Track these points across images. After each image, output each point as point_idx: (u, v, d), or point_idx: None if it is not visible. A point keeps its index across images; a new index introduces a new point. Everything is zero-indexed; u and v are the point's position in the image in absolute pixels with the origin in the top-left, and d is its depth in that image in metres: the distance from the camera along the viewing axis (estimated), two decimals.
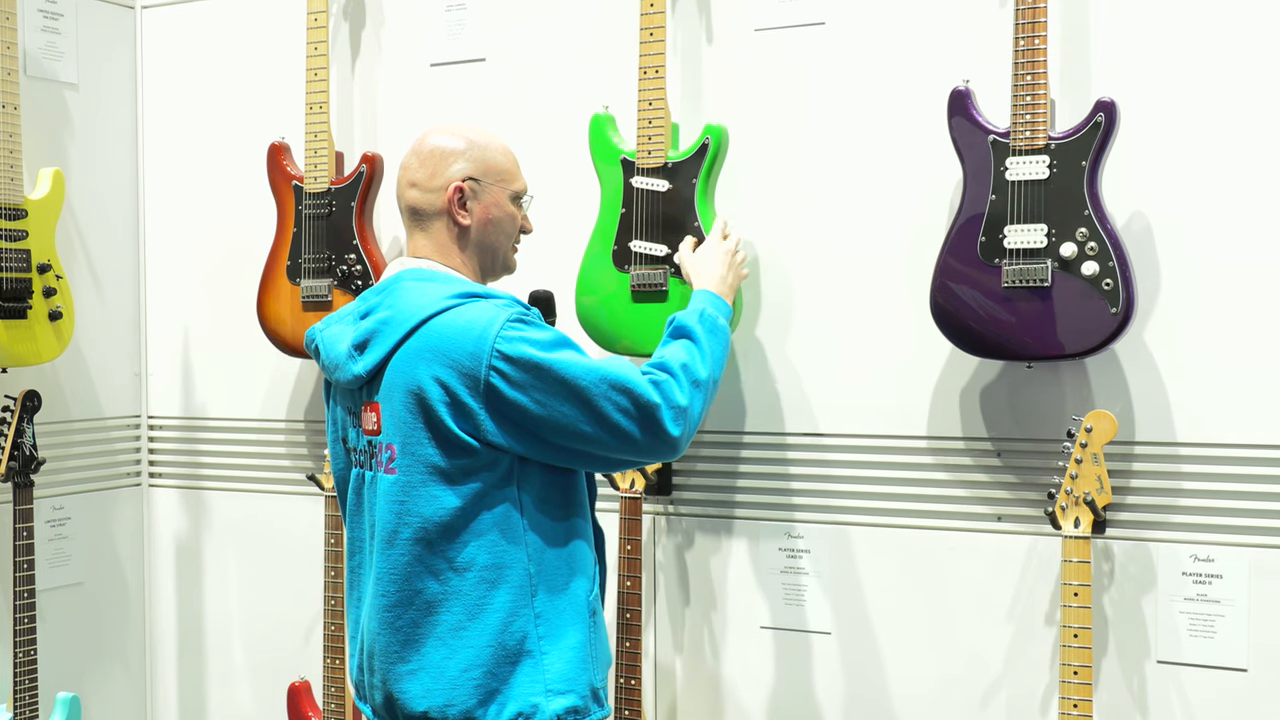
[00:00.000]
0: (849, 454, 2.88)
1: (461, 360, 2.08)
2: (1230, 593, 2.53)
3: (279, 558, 3.57)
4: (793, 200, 2.90)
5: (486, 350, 2.07)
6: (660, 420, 2.11)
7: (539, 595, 2.14)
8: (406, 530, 2.14)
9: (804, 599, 2.92)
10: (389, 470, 2.16)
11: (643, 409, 2.10)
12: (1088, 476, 2.45)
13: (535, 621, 2.13)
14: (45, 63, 3.45)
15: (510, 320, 2.09)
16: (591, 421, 2.09)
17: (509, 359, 2.07)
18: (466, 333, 2.08)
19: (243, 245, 3.53)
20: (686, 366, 2.19)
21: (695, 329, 2.29)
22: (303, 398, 3.53)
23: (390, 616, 2.17)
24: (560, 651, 2.14)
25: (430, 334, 2.10)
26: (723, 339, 2.32)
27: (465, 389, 2.08)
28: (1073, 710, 2.43)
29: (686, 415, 2.14)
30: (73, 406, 3.55)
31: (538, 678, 2.12)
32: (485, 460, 2.11)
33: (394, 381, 2.13)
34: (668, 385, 2.14)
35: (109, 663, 3.69)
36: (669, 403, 2.12)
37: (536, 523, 2.15)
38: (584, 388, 2.08)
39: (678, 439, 2.13)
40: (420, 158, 2.25)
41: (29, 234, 3.18)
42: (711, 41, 2.96)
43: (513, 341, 2.07)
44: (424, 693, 2.14)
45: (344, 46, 3.41)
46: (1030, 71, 2.47)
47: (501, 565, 2.12)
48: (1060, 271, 2.46)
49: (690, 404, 2.15)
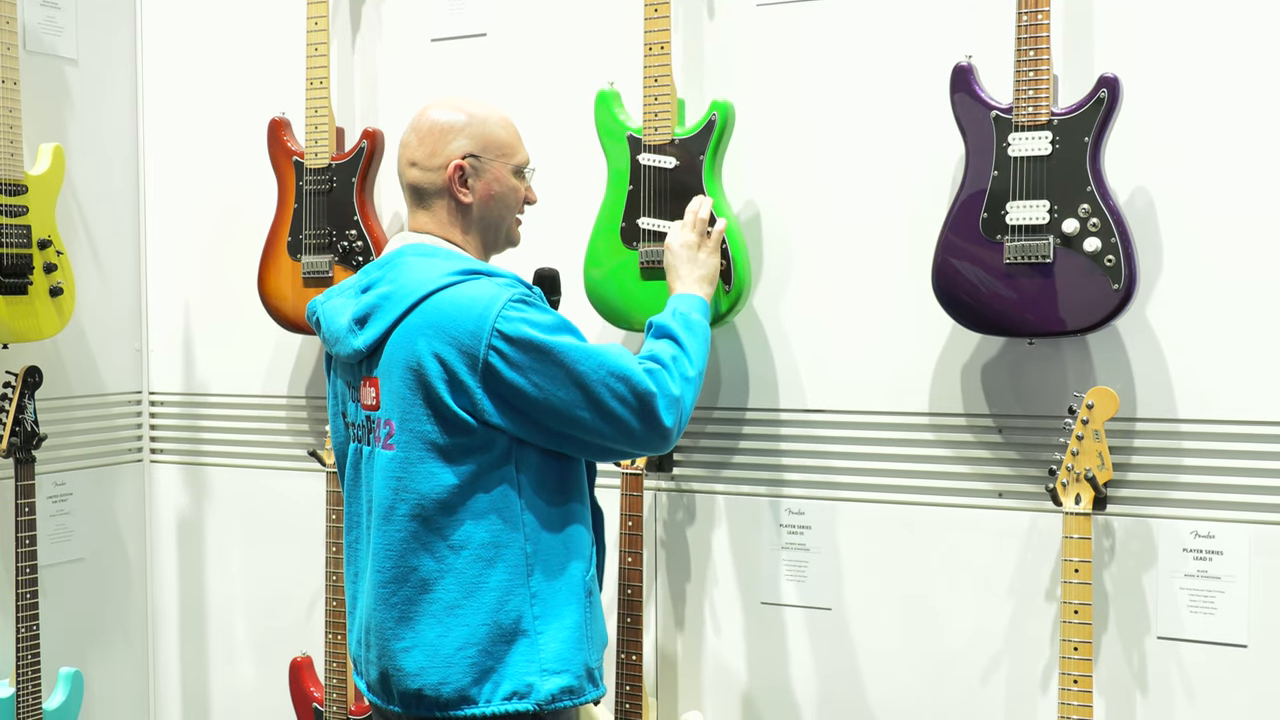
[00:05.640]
0: (849, 430, 2.88)
1: (461, 338, 2.07)
2: (1231, 569, 2.54)
3: (280, 533, 3.57)
4: (795, 176, 2.89)
5: (487, 329, 2.06)
6: (656, 410, 2.11)
7: (535, 575, 2.14)
8: (403, 506, 2.14)
9: (805, 575, 2.93)
10: (387, 446, 2.15)
11: (640, 398, 2.10)
12: (1089, 453, 2.46)
13: (531, 601, 2.13)
14: (45, 38, 3.44)
15: (512, 300, 2.08)
16: (588, 407, 2.09)
17: (509, 339, 2.06)
18: (468, 310, 2.07)
19: (243, 221, 3.52)
20: (676, 359, 2.21)
21: (674, 327, 2.30)
22: (304, 373, 3.53)
23: (385, 593, 2.17)
24: (555, 631, 2.14)
25: (431, 310, 2.09)
26: (702, 334, 2.33)
27: (464, 367, 2.07)
28: (1073, 686, 2.44)
29: (679, 406, 2.16)
30: (74, 382, 3.55)
31: (533, 657, 2.12)
32: (483, 439, 2.10)
33: (393, 357, 2.13)
34: (661, 375, 2.15)
35: (111, 638, 3.70)
36: (663, 391, 2.13)
37: (534, 503, 2.15)
38: (582, 373, 2.08)
39: (670, 429, 2.14)
40: (419, 135, 2.23)
41: (29, 210, 3.17)
42: (714, 17, 2.95)
43: (514, 322, 2.07)
44: (418, 670, 2.14)
45: (345, 21, 3.40)
46: (1033, 47, 2.46)
47: (498, 544, 2.12)
48: (1062, 248, 2.45)
49: (682, 395, 2.17)
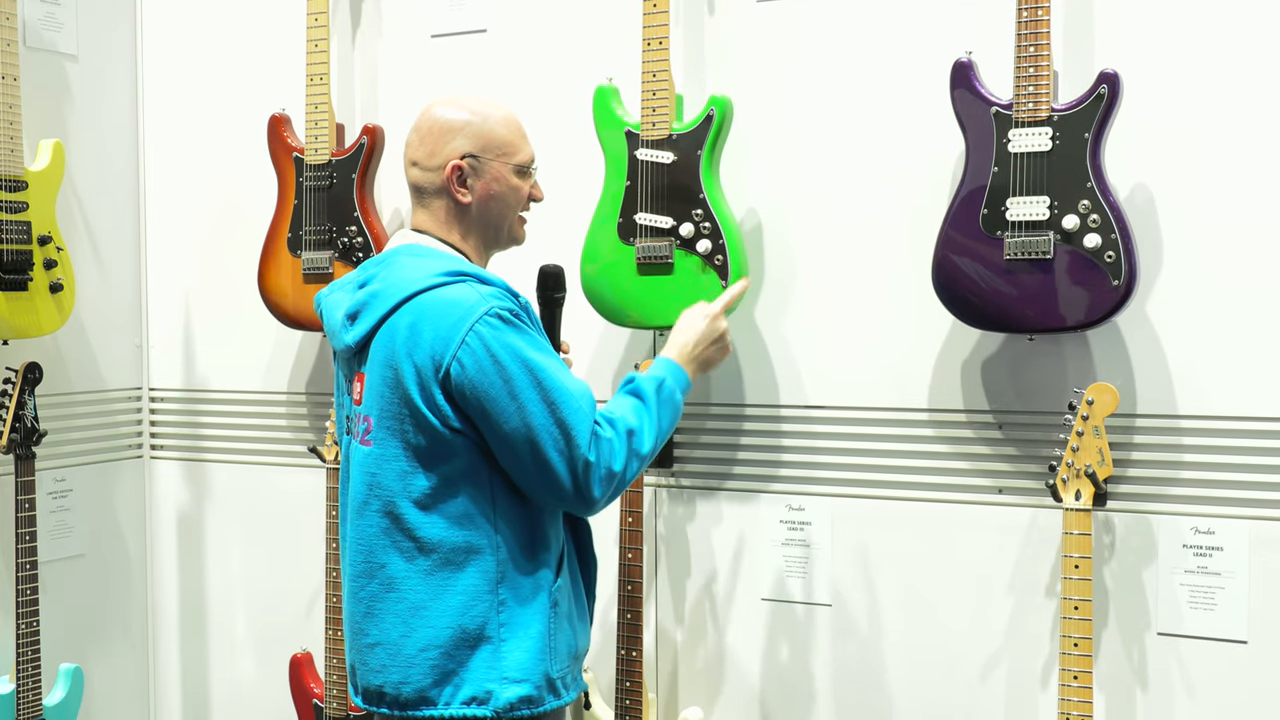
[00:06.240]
0: (849, 426, 2.88)
1: (433, 342, 2.07)
2: (1230, 565, 2.54)
3: (281, 530, 3.57)
4: (794, 172, 2.89)
5: (457, 338, 2.05)
6: (589, 479, 2.07)
7: (503, 583, 2.12)
8: (375, 503, 2.15)
9: (805, 571, 2.93)
10: (365, 442, 2.17)
11: (577, 459, 2.06)
12: (1089, 449, 2.45)
13: (498, 609, 2.12)
14: (45, 34, 3.44)
15: (490, 314, 2.07)
16: (527, 448, 2.06)
17: (474, 353, 2.05)
18: (445, 316, 2.07)
19: (243, 217, 3.52)
20: (634, 433, 2.14)
21: (651, 397, 2.20)
22: (304, 369, 3.53)
23: (355, 586, 2.19)
24: (519, 640, 2.13)
25: (412, 311, 2.10)
26: (674, 413, 2.24)
27: (431, 371, 2.07)
28: (1073, 682, 2.44)
29: (615, 481, 2.11)
30: (74, 378, 3.55)
31: (495, 664, 2.12)
32: (453, 444, 2.09)
33: (376, 355, 2.14)
34: (609, 447, 2.09)
35: (111, 635, 3.70)
36: (603, 464, 2.08)
37: (507, 511, 2.13)
38: (532, 413, 2.05)
39: (597, 501, 2.10)
40: (420, 135, 2.23)
41: (29, 206, 3.17)
42: (713, 12, 2.95)
43: (484, 337, 2.05)
44: (380, 667, 2.16)
45: (344, 17, 3.40)
46: (1033, 43, 2.46)
47: (469, 550, 2.11)
48: (1062, 244, 2.45)
49: (623, 471, 2.11)
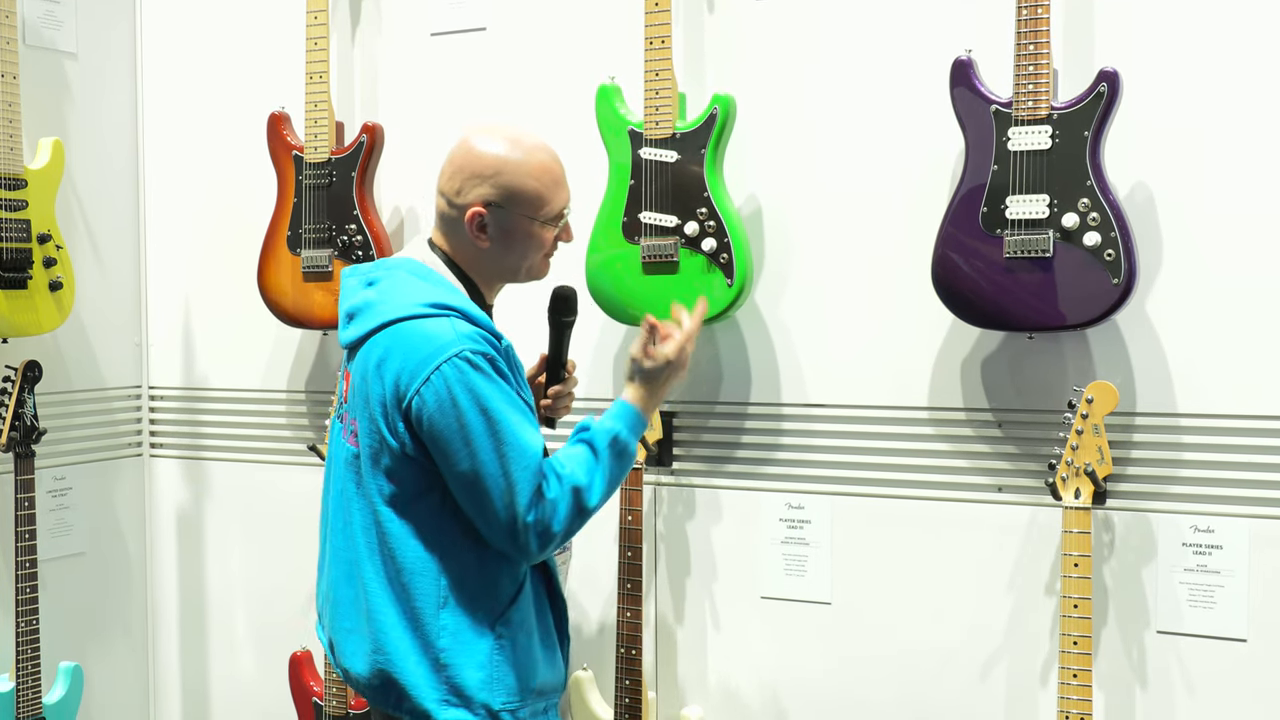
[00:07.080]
0: (850, 425, 2.88)
1: (400, 373, 2.08)
2: (1230, 563, 2.54)
3: (280, 528, 3.57)
4: (796, 170, 2.89)
5: (423, 374, 2.06)
6: (527, 536, 2.08)
7: (446, 608, 2.13)
8: (358, 500, 2.18)
9: (804, 569, 2.93)
10: (351, 442, 2.20)
11: (518, 516, 2.07)
12: (1088, 447, 2.46)
13: (441, 633, 2.12)
14: (44, 32, 3.44)
15: (460, 355, 2.06)
16: (473, 493, 2.08)
17: (436, 391, 2.05)
18: (416, 349, 2.08)
19: (243, 215, 3.52)
20: (580, 490, 2.12)
21: (604, 451, 2.17)
22: (303, 368, 3.53)
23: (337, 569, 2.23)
24: (461, 667, 2.12)
25: (389, 336, 2.12)
26: (625, 467, 2.22)
27: (394, 399, 2.09)
28: (1072, 680, 2.44)
29: (555, 540, 2.12)
30: (74, 377, 3.55)
31: (437, 685, 2.12)
32: (413, 464, 2.11)
33: (358, 365, 2.18)
34: (551, 508, 2.09)
35: (111, 633, 3.70)
36: (543, 523, 2.08)
37: (459, 537, 2.13)
38: (483, 461, 2.05)
39: (534, 554, 2.12)
40: (453, 167, 2.19)
41: (29, 204, 3.17)
42: (714, 11, 2.95)
43: (448, 378, 2.06)
44: (353, 653, 2.20)
45: (344, 15, 3.40)
46: (1033, 41, 2.46)
47: (423, 571, 2.12)
48: (1062, 242, 2.45)
49: (564, 530, 2.12)
